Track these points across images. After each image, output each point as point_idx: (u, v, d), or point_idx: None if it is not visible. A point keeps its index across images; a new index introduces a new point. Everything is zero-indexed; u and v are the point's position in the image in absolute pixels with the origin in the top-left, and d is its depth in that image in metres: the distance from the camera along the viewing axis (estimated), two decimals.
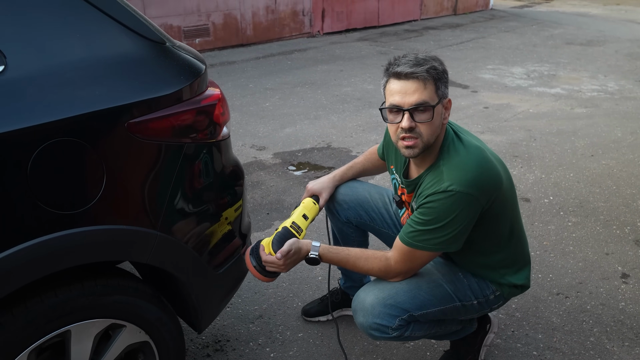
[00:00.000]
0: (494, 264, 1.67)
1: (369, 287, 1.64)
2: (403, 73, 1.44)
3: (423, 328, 1.65)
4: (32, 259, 1.14)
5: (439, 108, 1.47)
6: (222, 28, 7.23)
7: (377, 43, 7.96)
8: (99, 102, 1.22)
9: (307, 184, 1.92)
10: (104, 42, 1.32)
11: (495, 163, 1.54)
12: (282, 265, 1.56)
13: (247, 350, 2.01)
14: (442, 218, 1.46)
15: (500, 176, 1.54)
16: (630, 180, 3.50)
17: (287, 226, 1.67)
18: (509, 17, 10.82)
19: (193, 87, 1.42)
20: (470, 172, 1.45)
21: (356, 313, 1.62)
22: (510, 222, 1.64)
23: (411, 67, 1.43)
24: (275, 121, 4.52)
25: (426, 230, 1.49)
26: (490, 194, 1.50)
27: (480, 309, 1.71)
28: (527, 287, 1.74)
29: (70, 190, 1.19)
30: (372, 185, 2.01)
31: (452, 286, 1.65)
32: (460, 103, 5.09)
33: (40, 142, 1.12)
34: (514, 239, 1.67)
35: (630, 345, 2.06)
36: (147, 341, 1.46)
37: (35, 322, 1.22)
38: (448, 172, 1.46)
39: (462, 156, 1.49)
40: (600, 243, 2.76)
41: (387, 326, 1.57)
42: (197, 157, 1.44)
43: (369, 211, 1.93)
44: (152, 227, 1.34)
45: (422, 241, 1.51)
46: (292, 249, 1.57)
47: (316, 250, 1.59)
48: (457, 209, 1.45)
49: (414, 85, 1.43)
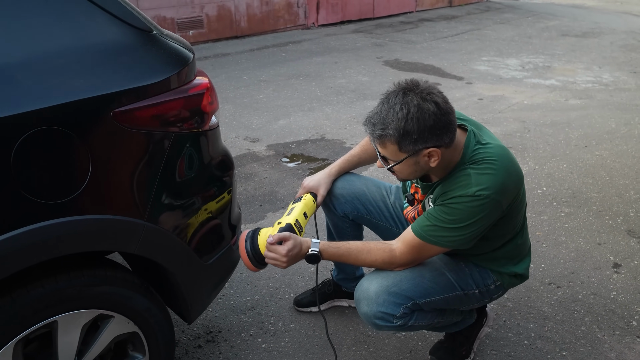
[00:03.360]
0: (498, 255, 1.67)
1: (371, 276, 1.62)
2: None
3: (426, 317, 1.65)
4: (16, 249, 1.13)
5: (409, 161, 1.46)
6: (216, 20, 7.18)
7: (372, 35, 7.93)
8: (84, 90, 1.21)
9: (304, 180, 1.90)
10: (90, 30, 1.30)
11: (517, 162, 1.55)
12: (285, 261, 1.53)
13: (239, 341, 2.01)
14: (464, 220, 1.46)
15: (522, 176, 1.55)
16: (624, 170, 3.50)
17: (291, 224, 1.63)
18: (505, 9, 10.79)
19: (180, 75, 1.41)
20: (499, 177, 1.45)
21: (360, 302, 1.60)
22: (521, 217, 1.65)
23: (367, 125, 1.45)
24: (269, 113, 4.51)
25: (445, 228, 1.48)
26: (513, 197, 1.51)
27: (481, 299, 1.72)
28: (526, 277, 1.75)
29: (55, 180, 1.18)
30: (369, 178, 2.00)
31: (455, 275, 1.65)
32: (454, 95, 5.08)
33: (24, 131, 1.11)
34: (519, 233, 1.68)
35: (620, 334, 2.07)
36: (135, 332, 1.45)
37: (21, 313, 1.21)
38: (477, 176, 1.45)
39: (492, 161, 1.47)
40: (592, 233, 2.76)
41: (391, 314, 1.57)
42: (185, 147, 1.43)
43: (367, 205, 1.92)
44: (140, 217, 1.33)
45: (437, 237, 1.50)
46: (294, 245, 1.53)
47: (316, 247, 1.56)
48: (482, 213, 1.45)
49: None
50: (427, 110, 1.38)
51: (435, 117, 1.39)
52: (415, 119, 1.38)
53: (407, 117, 1.38)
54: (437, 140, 1.42)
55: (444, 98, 1.43)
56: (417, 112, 1.38)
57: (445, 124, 1.41)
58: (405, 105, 1.38)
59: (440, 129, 1.41)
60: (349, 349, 1.99)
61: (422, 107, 1.38)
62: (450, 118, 1.43)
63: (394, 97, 1.41)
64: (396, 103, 1.40)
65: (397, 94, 1.42)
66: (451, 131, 1.44)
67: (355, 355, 1.96)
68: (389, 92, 1.45)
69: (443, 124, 1.41)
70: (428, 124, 1.39)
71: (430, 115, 1.38)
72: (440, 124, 1.40)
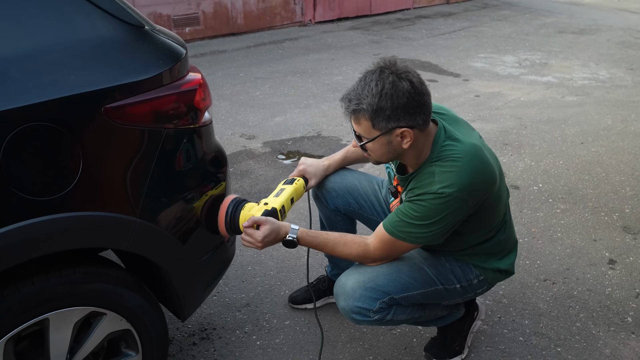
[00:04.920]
0: (479, 251, 1.67)
1: (349, 271, 1.64)
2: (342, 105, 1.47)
3: (405, 312, 1.66)
4: (7, 246, 1.12)
5: (382, 139, 1.46)
6: (213, 17, 7.15)
7: (369, 32, 7.91)
8: (74, 86, 1.20)
9: (301, 159, 1.89)
10: (80, 25, 1.29)
11: (490, 162, 1.53)
12: (260, 245, 1.56)
13: (234, 339, 2.01)
14: (430, 217, 1.47)
15: (494, 176, 1.53)
16: (620, 167, 3.50)
17: (277, 209, 1.65)
18: (502, 6, 10.78)
19: (173, 71, 1.40)
20: (464, 176, 1.44)
21: (338, 297, 1.62)
22: (499, 215, 1.64)
23: (343, 101, 1.46)
24: (266, 110, 4.49)
25: (412, 224, 1.49)
26: (482, 195, 1.50)
27: (464, 293, 1.71)
28: (511, 272, 1.75)
29: (45, 176, 1.17)
30: (361, 172, 2.00)
31: (434, 270, 1.66)
32: (451, 92, 5.08)
33: (13, 127, 1.10)
34: (501, 229, 1.67)
35: (615, 330, 2.07)
36: (128, 329, 1.45)
37: (12, 310, 1.20)
38: (440, 174, 1.45)
39: (457, 158, 1.46)
40: (588, 230, 2.76)
41: (368, 309, 1.58)
42: (177, 143, 1.42)
43: (358, 199, 1.92)
44: (132, 214, 1.32)
45: (405, 233, 1.51)
46: (271, 231, 1.56)
47: (294, 233, 1.59)
48: (446, 210, 1.45)
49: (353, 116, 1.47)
50: (402, 88, 1.39)
51: (409, 95, 1.40)
52: (389, 95, 1.39)
53: (381, 93, 1.39)
54: (410, 120, 1.42)
55: (420, 79, 1.44)
56: (391, 89, 1.39)
57: (419, 104, 1.42)
58: (381, 82, 1.40)
59: (413, 108, 1.41)
60: (344, 345, 1.98)
61: (397, 84, 1.39)
62: (425, 99, 1.44)
63: (371, 74, 1.43)
64: (372, 80, 1.41)
65: (374, 72, 1.43)
66: (424, 113, 1.44)
67: (350, 351, 1.96)
68: (367, 70, 1.47)
69: (416, 104, 1.42)
70: (401, 101, 1.40)
71: (404, 93, 1.40)
72: (414, 103, 1.41)
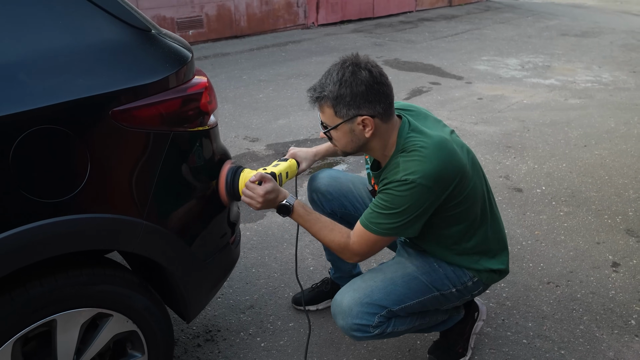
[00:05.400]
0: (467, 250, 1.67)
1: (344, 289, 1.65)
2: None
3: (405, 322, 1.67)
4: (15, 247, 1.13)
5: (344, 127, 1.51)
6: (216, 19, 7.18)
7: (372, 34, 7.93)
8: (82, 89, 1.21)
9: (291, 148, 1.92)
10: (88, 30, 1.30)
11: (457, 153, 1.55)
12: (260, 201, 1.58)
13: (238, 340, 2.01)
14: (396, 206, 1.50)
15: (462, 166, 1.54)
16: (623, 170, 3.50)
17: (276, 173, 1.69)
18: (505, 9, 10.79)
19: (179, 75, 1.41)
20: (427, 164, 1.47)
21: (336, 317, 1.63)
22: (479, 208, 1.64)
23: (309, 91, 1.53)
24: (269, 112, 4.51)
25: (381, 214, 1.53)
26: (448, 184, 1.51)
27: (460, 297, 1.72)
28: (506, 272, 1.76)
29: (54, 179, 1.18)
30: (355, 175, 2.03)
31: (428, 277, 1.67)
32: (454, 94, 5.09)
33: (22, 130, 1.11)
34: (485, 225, 1.67)
35: (619, 333, 2.07)
36: (134, 331, 1.46)
37: (20, 311, 1.21)
38: (404, 163, 1.50)
39: (419, 148, 1.50)
40: (591, 232, 2.76)
41: (367, 325, 1.59)
42: (184, 146, 1.43)
43: (353, 202, 1.95)
44: (138, 216, 1.33)
45: (375, 224, 1.54)
46: (273, 189, 1.59)
47: (292, 201, 1.62)
48: (412, 198, 1.48)
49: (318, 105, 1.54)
50: (360, 77, 1.47)
51: (367, 84, 1.47)
52: (348, 83, 1.47)
53: (340, 80, 1.47)
54: (370, 109, 1.49)
55: (381, 71, 1.51)
56: (350, 77, 1.47)
57: (378, 92, 1.49)
58: (341, 71, 1.48)
59: (372, 96, 1.48)
60: (348, 347, 1.99)
61: (356, 73, 1.47)
62: (384, 89, 1.50)
63: (334, 66, 1.52)
64: (334, 70, 1.50)
65: (337, 65, 1.52)
66: (384, 102, 1.50)
67: (354, 353, 1.96)
68: (332, 64, 1.55)
69: (375, 92, 1.48)
70: (360, 89, 1.47)
71: (362, 81, 1.47)
72: (373, 91, 1.48)
